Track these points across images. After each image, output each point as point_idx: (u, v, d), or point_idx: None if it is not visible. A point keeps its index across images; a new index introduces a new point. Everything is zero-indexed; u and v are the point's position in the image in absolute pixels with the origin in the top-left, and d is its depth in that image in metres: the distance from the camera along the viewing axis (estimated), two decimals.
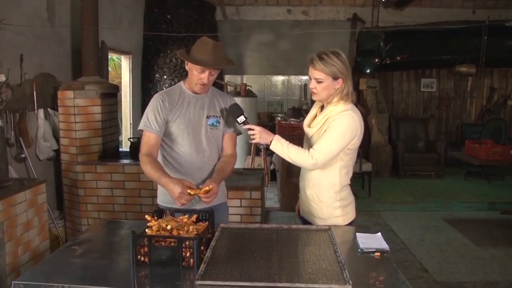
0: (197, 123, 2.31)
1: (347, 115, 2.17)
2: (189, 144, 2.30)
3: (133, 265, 1.71)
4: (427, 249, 4.57)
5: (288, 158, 2.18)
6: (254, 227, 2.18)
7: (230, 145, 2.43)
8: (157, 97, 2.30)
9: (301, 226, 2.21)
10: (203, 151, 2.33)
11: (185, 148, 2.30)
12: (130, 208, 4.20)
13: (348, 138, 2.16)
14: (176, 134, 2.29)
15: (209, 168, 2.35)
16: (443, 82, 8.57)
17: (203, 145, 2.32)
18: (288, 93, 8.52)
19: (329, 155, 2.15)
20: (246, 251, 1.84)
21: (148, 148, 2.24)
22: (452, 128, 8.66)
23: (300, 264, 1.74)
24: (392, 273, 1.71)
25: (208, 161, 2.35)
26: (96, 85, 4.27)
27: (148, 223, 1.86)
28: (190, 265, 1.68)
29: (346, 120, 2.16)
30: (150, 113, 2.26)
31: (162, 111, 2.26)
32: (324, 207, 2.27)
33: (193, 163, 2.31)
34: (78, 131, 4.21)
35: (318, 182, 2.27)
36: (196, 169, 2.32)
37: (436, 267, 4.11)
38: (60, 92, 4.24)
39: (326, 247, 1.90)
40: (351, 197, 2.35)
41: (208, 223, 1.96)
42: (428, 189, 6.98)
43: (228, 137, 2.43)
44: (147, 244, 1.70)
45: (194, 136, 2.30)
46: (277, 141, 2.18)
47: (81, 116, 4.21)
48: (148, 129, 2.25)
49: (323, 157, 2.14)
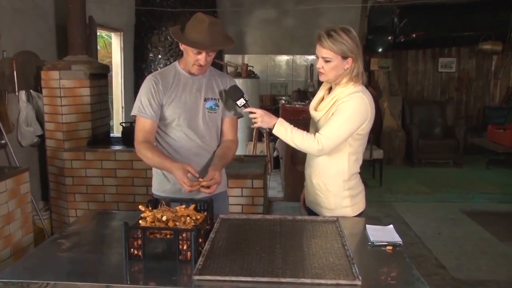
0: (193, 106, 2.32)
1: (357, 97, 2.17)
2: (186, 129, 2.31)
3: (125, 259, 1.72)
4: (444, 243, 4.59)
5: (292, 143, 2.19)
6: (256, 218, 2.20)
7: (231, 130, 2.45)
8: (150, 79, 2.30)
9: (306, 217, 2.23)
10: (201, 136, 2.34)
11: (181, 134, 2.31)
12: (122, 198, 4.22)
13: (357, 122, 2.17)
14: (171, 118, 2.29)
15: (207, 154, 2.37)
16: (464, 61, 8.52)
17: (200, 130, 2.33)
18: (293, 74, 8.50)
19: (337, 140, 2.15)
20: (248, 244, 1.86)
21: (144, 135, 2.25)
22: (472, 112, 8.63)
23: (305, 258, 1.75)
24: (405, 268, 1.72)
25: (206, 147, 2.36)
26: (84, 65, 4.27)
27: (142, 214, 1.88)
28: (187, 259, 1.70)
29: (356, 102, 2.16)
30: (143, 97, 2.27)
31: (156, 94, 2.26)
32: (331, 197, 2.29)
33: (190, 149, 2.32)
34: (65, 115, 4.22)
35: (325, 169, 2.29)
36: (193, 155, 2.33)
37: (454, 263, 4.12)
38: (44, 73, 4.24)
39: (334, 239, 1.92)
40: (360, 186, 2.36)
41: (207, 214, 1.97)
42: (445, 178, 7.00)
43: (228, 121, 2.43)
44: (140, 237, 1.71)
45: (191, 120, 2.31)
46: (281, 125, 2.19)
47: (68, 99, 4.22)
48: (143, 114, 2.26)
49: (330, 142, 2.14)
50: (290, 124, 2.21)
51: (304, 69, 8.45)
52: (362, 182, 2.38)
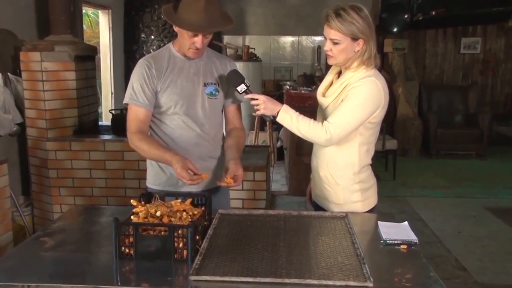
0: (191, 92, 2.32)
1: (369, 82, 2.18)
2: (183, 117, 2.32)
3: (116, 258, 1.74)
4: (465, 243, 4.61)
5: (298, 132, 2.20)
6: (258, 214, 2.22)
7: (237, 118, 2.49)
8: (142, 63, 2.29)
9: (313, 213, 2.25)
10: (200, 124, 2.35)
11: (178, 122, 2.32)
12: (112, 192, 4.25)
13: (369, 109, 2.18)
14: (167, 106, 2.30)
15: (206, 144, 2.38)
16: (490, 41, 8.46)
17: (199, 118, 2.34)
18: (299, 57, 8.49)
19: (347, 129, 2.17)
20: (249, 242, 1.88)
21: (138, 125, 2.26)
22: (499, 98, 8.59)
23: (311, 257, 1.77)
24: (421, 269, 1.73)
25: (206, 136, 2.38)
26: (69, 46, 4.27)
27: (134, 209, 1.90)
28: (183, 258, 1.72)
29: (368, 88, 2.17)
30: (135, 83, 2.27)
31: (150, 80, 2.26)
32: (340, 191, 2.31)
33: (188, 138, 2.34)
34: (48, 101, 4.23)
35: (333, 161, 2.30)
36: (191, 145, 2.35)
37: (477, 265, 4.12)
38: (24, 54, 4.24)
39: (343, 237, 1.94)
40: (372, 179, 2.38)
41: (205, 209, 1.99)
42: (466, 171, 7.00)
43: (233, 109, 2.48)
44: (132, 234, 1.73)
45: (189, 107, 2.32)
46: (285, 112, 2.20)
47: (51, 83, 4.22)
48: (135, 102, 2.26)
49: (339, 131, 2.16)
50: (295, 111, 2.22)
51: (310, 52, 8.43)
52: (374, 175, 2.40)
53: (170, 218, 1.83)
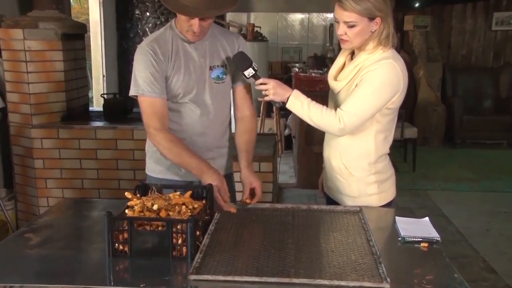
0: (198, 77, 2.32)
1: (387, 65, 2.17)
2: (190, 105, 2.33)
3: (109, 256, 1.76)
4: (494, 242, 4.60)
5: (309, 120, 2.21)
6: (264, 208, 2.25)
7: (247, 102, 2.47)
8: (145, 49, 2.25)
9: (324, 207, 2.27)
10: (207, 113, 2.36)
11: (185, 110, 2.34)
12: (104, 183, 4.27)
13: (387, 95, 2.18)
14: (174, 93, 2.30)
15: (214, 132, 2.41)
16: None
17: (207, 105, 2.36)
18: (309, 37, 8.46)
19: (362, 117, 2.17)
20: (254, 238, 1.91)
21: (161, 120, 2.23)
22: None
23: (322, 255, 1.79)
24: (444, 270, 1.73)
25: (213, 125, 2.40)
26: (55, 23, 4.26)
27: (128, 202, 1.91)
28: (183, 255, 1.74)
29: (385, 71, 2.17)
30: (143, 72, 2.23)
31: (159, 65, 2.23)
32: (354, 183, 2.33)
33: (194, 128, 2.36)
34: (33, 83, 4.23)
35: (347, 150, 2.32)
36: (197, 135, 2.37)
37: (508, 267, 4.10)
38: (3, 31, 4.23)
39: (357, 233, 1.96)
40: (390, 170, 2.39)
41: (206, 202, 2.00)
42: (495, 162, 6.98)
43: (241, 90, 2.45)
44: (127, 229, 1.75)
45: (196, 94, 2.33)
46: (296, 98, 2.21)
47: (36, 64, 4.23)
48: (149, 93, 2.22)
49: (354, 120, 2.16)
50: (307, 97, 2.23)
51: (322, 30, 8.40)
52: (392, 165, 2.42)
53: (168, 212, 1.85)
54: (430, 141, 7.93)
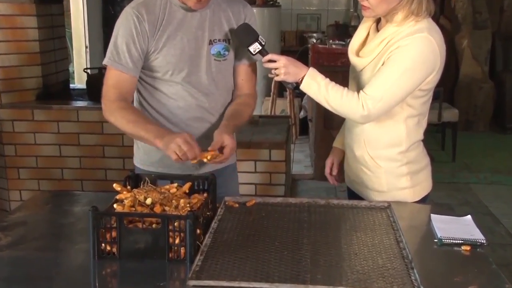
0: (194, 52, 2.31)
1: (421, 40, 2.14)
2: (184, 85, 2.33)
3: (94, 258, 1.76)
4: None
5: (326, 104, 2.20)
6: (276, 203, 2.25)
7: (248, 81, 2.47)
8: (130, 13, 2.25)
9: (345, 202, 2.27)
10: (204, 94, 2.36)
11: (177, 90, 2.34)
12: (88, 174, 4.30)
13: (420, 76, 2.16)
14: (163, 70, 2.30)
15: (212, 118, 2.40)
16: None
17: (203, 85, 2.35)
18: (329, 1, 8.44)
19: (389, 102, 2.16)
20: (263, 238, 1.90)
21: (119, 94, 2.24)
22: None
23: (343, 258, 1.79)
24: (491, 278, 1.72)
25: (211, 109, 2.39)
26: None
27: (117, 195, 1.92)
28: (181, 257, 1.75)
29: (419, 47, 2.15)
30: (120, 39, 2.23)
31: (139, 37, 2.23)
32: (382, 175, 2.32)
33: (189, 110, 2.36)
34: (1, 55, 4.23)
35: (373, 137, 2.31)
36: (192, 119, 2.36)
37: None
38: None
39: (384, 234, 1.96)
40: (424, 159, 2.38)
41: (208, 196, 2.01)
42: None
43: (244, 70, 2.46)
44: (115, 227, 1.75)
45: (191, 72, 2.32)
46: (312, 79, 2.19)
47: (5, 32, 4.22)
48: (117, 65, 2.23)
49: (380, 106, 2.15)
50: (325, 77, 2.21)
51: None
52: (426, 154, 2.41)
53: (164, 207, 1.86)
54: (474, 126, 7.85)
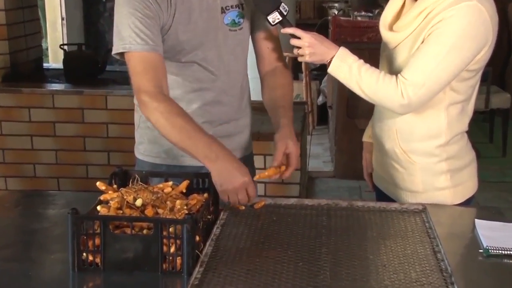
0: (208, 24, 2.32)
1: (468, 10, 2.13)
2: (197, 66, 2.35)
3: (73, 270, 1.76)
4: None
5: (359, 90, 2.21)
6: (289, 204, 2.26)
7: (277, 50, 2.47)
8: None
9: (372, 204, 2.27)
10: (221, 73, 2.37)
11: (191, 72, 2.36)
12: (66, 170, 4.31)
13: (469, 53, 2.15)
14: (175, 49, 2.32)
15: (230, 99, 2.43)
16: None
17: (221, 62, 2.36)
18: None
19: (434, 88, 2.16)
20: (274, 246, 1.91)
21: (156, 81, 2.17)
22: None
23: (369, 271, 1.79)
24: None
25: (229, 89, 2.41)
26: None
27: (101, 195, 1.93)
28: (176, 269, 1.75)
29: (466, 19, 2.13)
30: (128, 18, 2.18)
31: (156, 11, 2.20)
32: (417, 172, 2.33)
33: (204, 95, 2.38)
34: None
35: (407, 127, 2.31)
36: (209, 104, 2.39)
37: None
38: None
39: (418, 242, 1.96)
40: (468, 155, 2.39)
41: (209, 196, 2.02)
42: None
43: (268, 39, 2.45)
44: (99, 233, 1.76)
45: (205, 48, 2.33)
46: (342, 60, 2.19)
47: None
48: (139, 46, 2.17)
49: (423, 93, 2.15)
50: (358, 59, 2.21)
51: None
52: (471, 148, 2.41)
53: (157, 209, 1.86)
54: None
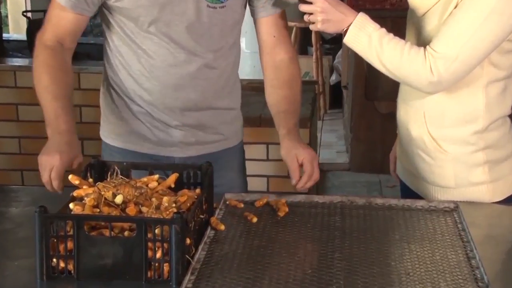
0: None
1: None
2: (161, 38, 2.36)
3: (41, 279, 1.77)
4: None
5: (380, 65, 2.22)
6: (296, 202, 2.28)
7: (283, 40, 2.50)
8: None
9: (395, 202, 2.29)
10: (190, 53, 2.39)
11: (151, 45, 2.38)
12: (31, 161, 4.27)
13: (510, 21, 2.16)
14: (133, 15, 2.34)
15: (200, 86, 2.44)
16: None
17: (188, 41, 2.38)
18: None
19: (469, 62, 2.17)
20: (278, 250, 1.92)
21: (57, 34, 2.34)
22: None
23: (391, 280, 1.80)
24: None
25: (199, 74, 2.43)
26: None
27: (74, 191, 1.94)
28: (163, 277, 1.76)
29: None
30: None
31: None
32: (449, 164, 2.34)
33: (169, 76, 2.40)
34: None
35: (438, 110, 2.33)
36: (170, 88, 2.41)
37: None
38: None
39: (449, 246, 1.97)
40: (510, 144, 2.39)
41: (201, 192, 2.03)
42: None
43: (273, 23, 2.47)
44: (72, 235, 1.76)
45: (171, 23, 2.35)
46: (360, 29, 2.20)
47: None
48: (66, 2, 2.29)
49: (455, 68, 2.15)
50: (379, 27, 2.22)
51: None
52: None
53: (140, 207, 1.87)
54: None
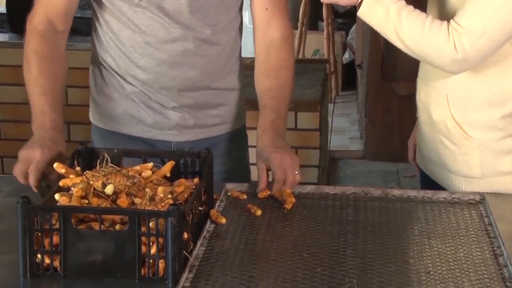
0: None
1: None
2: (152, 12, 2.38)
3: (24, 276, 1.78)
4: None
5: (398, 41, 2.23)
6: (304, 193, 2.30)
7: (277, 14, 2.50)
8: None
9: (414, 193, 2.29)
10: (187, 29, 2.40)
11: (142, 20, 2.39)
12: (12, 147, 4.28)
13: None
14: None
15: (197, 62, 2.46)
16: None
17: (178, 15, 2.40)
18: None
19: (496, 38, 2.17)
20: (285, 247, 1.93)
21: (49, 15, 2.37)
22: None
23: (410, 279, 1.80)
24: None
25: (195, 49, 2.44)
26: None
27: (60, 180, 1.94)
28: (159, 275, 1.76)
29: None
30: None
31: None
32: (474, 151, 2.34)
33: (164, 49, 2.42)
34: None
35: (462, 91, 2.33)
36: (166, 65, 2.43)
37: None
38: None
39: (474, 242, 1.97)
40: None
41: (200, 182, 2.03)
42: None
43: None
44: (58, 228, 1.76)
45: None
46: (376, 0, 2.20)
47: None
48: None
49: (482, 45, 2.16)
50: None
51: None
52: None
53: (133, 199, 1.88)
54: None
